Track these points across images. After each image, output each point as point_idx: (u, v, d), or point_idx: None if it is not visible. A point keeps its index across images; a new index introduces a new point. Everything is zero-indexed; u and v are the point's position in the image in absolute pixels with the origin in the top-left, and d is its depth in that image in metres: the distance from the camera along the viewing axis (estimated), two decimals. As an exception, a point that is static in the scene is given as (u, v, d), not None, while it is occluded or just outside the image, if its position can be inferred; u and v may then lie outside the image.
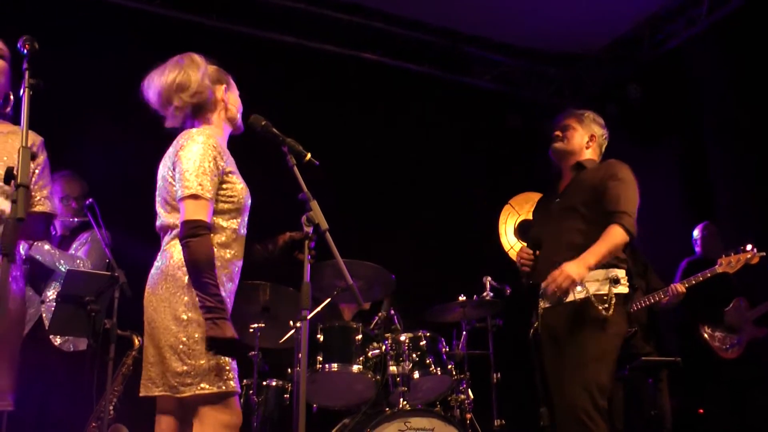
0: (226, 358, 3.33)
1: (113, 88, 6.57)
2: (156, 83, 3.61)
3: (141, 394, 3.44)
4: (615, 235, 4.38)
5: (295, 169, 3.60)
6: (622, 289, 4.46)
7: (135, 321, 3.62)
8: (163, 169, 3.55)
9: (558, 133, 4.92)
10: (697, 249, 7.41)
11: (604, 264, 4.44)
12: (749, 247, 5.93)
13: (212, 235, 3.41)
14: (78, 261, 5.64)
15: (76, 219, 5.82)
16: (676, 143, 9.06)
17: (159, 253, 3.52)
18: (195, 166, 3.36)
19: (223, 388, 3.30)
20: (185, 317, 3.30)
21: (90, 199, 5.39)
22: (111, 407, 5.49)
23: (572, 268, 4.27)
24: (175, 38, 7.51)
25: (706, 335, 6.90)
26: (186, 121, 3.64)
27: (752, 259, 5.91)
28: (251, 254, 3.80)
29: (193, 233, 3.26)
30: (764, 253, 5.92)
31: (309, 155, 3.64)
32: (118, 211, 5.70)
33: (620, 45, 9.21)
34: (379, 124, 8.62)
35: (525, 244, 4.96)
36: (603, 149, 4.99)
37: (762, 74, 7.83)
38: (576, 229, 4.57)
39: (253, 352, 5.63)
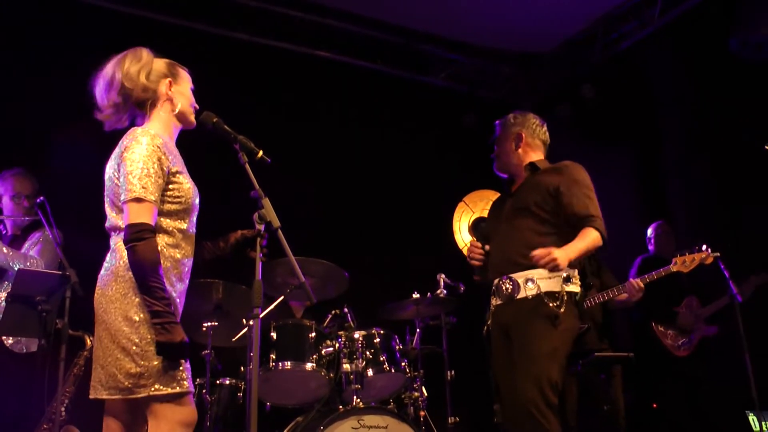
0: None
1: (65, 84, 6.52)
2: (99, 81, 3.60)
3: (90, 396, 3.40)
4: (591, 236, 4.44)
5: (247, 166, 3.60)
6: (574, 287, 4.51)
7: (87, 321, 3.58)
8: (109, 170, 3.51)
9: (493, 154, 5.03)
10: (651, 247, 7.51)
11: None
12: (704, 247, 5.97)
13: (161, 236, 3.40)
14: (31, 260, 5.57)
15: (26, 218, 5.74)
16: (630, 143, 9.12)
17: (108, 253, 3.48)
18: (138, 169, 3.33)
19: (177, 388, 3.28)
20: (137, 318, 3.27)
21: (41, 197, 5.31)
22: (62, 408, 5.44)
23: (560, 253, 4.29)
24: (127, 34, 7.44)
25: (658, 333, 7.00)
26: (135, 118, 3.62)
27: (707, 260, 5.94)
28: (202, 252, 3.78)
29: (138, 237, 3.24)
30: (718, 254, 5.96)
31: (261, 152, 3.64)
32: (70, 209, 5.64)
33: (574, 44, 9.27)
34: (334, 121, 8.61)
35: (475, 241, 4.98)
36: (543, 139, 5.00)
37: (714, 74, 7.93)
38: (528, 228, 4.60)
39: (206, 351, 5.61)
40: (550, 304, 4.40)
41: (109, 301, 3.33)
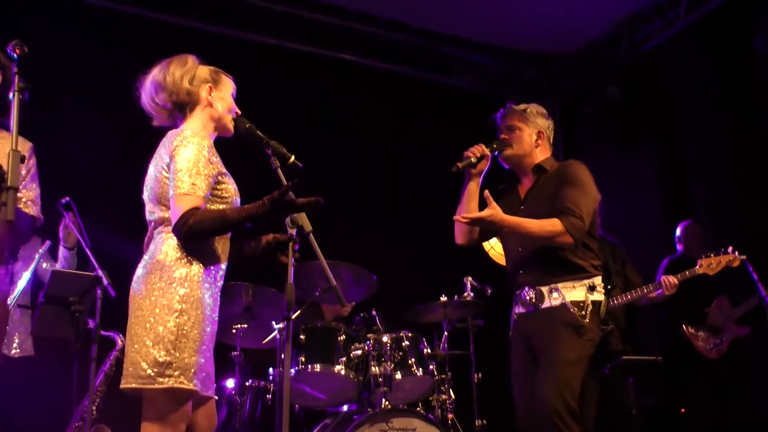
0: (201, 359, 3.35)
1: (87, 87, 6.62)
2: (146, 83, 3.70)
3: (121, 386, 3.37)
4: (551, 224, 4.34)
5: (279, 171, 3.63)
6: (598, 296, 4.44)
7: (118, 322, 3.61)
8: (155, 168, 3.57)
9: (504, 136, 4.83)
10: (679, 247, 7.35)
11: (581, 273, 4.46)
12: (730, 249, 5.90)
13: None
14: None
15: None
16: (655, 143, 9.11)
17: (152, 245, 3.52)
18: (188, 167, 3.38)
19: (197, 386, 3.32)
20: (179, 307, 3.31)
21: (67, 198, 5.34)
22: (94, 407, 5.48)
23: (498, 215, 4.32)
24: (158, 39, 7.54)
25: (689, 335, 6.88)
26: (176, 120, 3.69)
27: (733, 262, 5.85)
28: (242, 251, 3.81)
29: (189, 217, 3.30)
30: (744, 257, 5.88)
31: (293, 158, 3.67)
32: (99, 211, 5.68)
33: (599, 45, 9.29)
34: (359, 125, 8.62)
35: (484, 146, 4.84)
36: (551, 140, 4.89)
37: (738, 74, 7.91)
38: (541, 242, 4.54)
39: (235, 353, 5.65)
40: (576, 314, 4.36)
41: (152, 288, 3.36)
